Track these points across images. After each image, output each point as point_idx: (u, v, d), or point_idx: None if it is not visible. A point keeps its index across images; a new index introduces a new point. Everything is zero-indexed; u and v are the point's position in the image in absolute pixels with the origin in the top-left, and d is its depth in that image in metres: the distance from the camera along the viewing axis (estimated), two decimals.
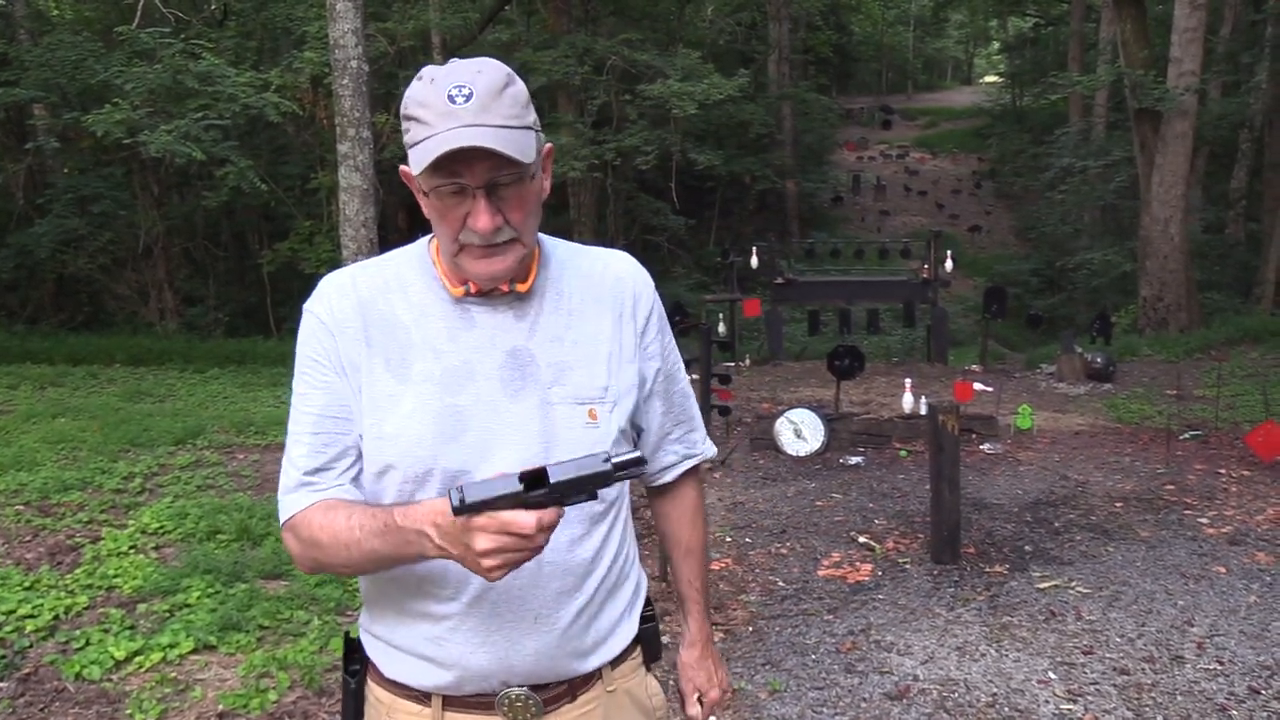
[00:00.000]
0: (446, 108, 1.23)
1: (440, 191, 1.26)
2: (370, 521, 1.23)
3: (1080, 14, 25.66)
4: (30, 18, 15.44)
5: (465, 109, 1.22)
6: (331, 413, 1.35)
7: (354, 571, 1.33)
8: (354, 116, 8.09)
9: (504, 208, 1.28)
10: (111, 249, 14.76)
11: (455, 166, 1.24)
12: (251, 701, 3.42)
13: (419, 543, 1.18)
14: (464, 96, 1.23)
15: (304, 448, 1.36)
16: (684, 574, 1.65)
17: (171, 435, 7.31)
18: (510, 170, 1.26)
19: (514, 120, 1.25)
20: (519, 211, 1.29)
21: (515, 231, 1.29)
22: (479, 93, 1.24)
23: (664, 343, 1.51)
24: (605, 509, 1.41)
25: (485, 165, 1.24)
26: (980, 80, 51.66)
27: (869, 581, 4.75)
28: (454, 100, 1.23)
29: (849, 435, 7.65)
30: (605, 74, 16.05)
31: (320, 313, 1.36)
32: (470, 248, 1.29)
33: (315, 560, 1.33)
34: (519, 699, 1.37)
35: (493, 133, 1.22)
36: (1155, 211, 13.90)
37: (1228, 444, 7.28)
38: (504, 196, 1.27)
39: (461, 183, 1.25)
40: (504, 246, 1.29)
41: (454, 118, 1.22)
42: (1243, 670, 3.68)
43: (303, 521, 1.32)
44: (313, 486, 1.34)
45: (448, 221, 1.28)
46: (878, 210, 28.02)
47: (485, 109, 1.23)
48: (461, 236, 1.28)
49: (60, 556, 4.82)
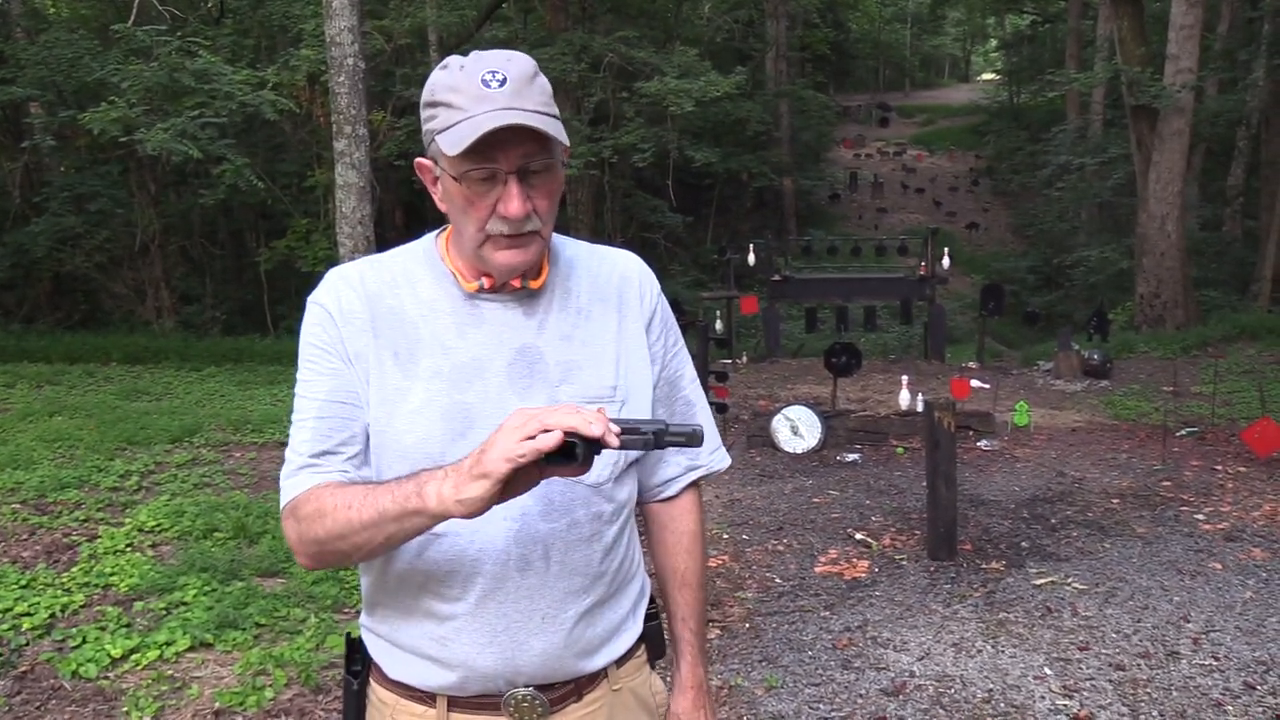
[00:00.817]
0: (481, 92, 1.22)
1: (471, 177, 1.25)
2: (379, 485, 1.22)
3: (1078, 11, 25.67)
4: (26, 15, 15.42)
5: (500, 93, 1.22)
6: (338, 398, 1.32)
7: (353, 549, 1.24)
8: (350, 114, 8.08)
9: (533, 195, 1.27)
10: (108, 247, 14.74)
11: (490, 151, 1.23)
12: (248, 699, 3.42)
13: (419, 493, 1.14)
14: (498, 81, 1.23)
15: (308, 433, 1.32)
16: (678, 609, 1.56)
17: (168, 433, 7.30)
18: (542, 157, 1.25)
19: (545, 108, 1.25)
20: (546, 200, 1.29)
21: (540, 222, 1.29)
22: (513, 78, 1.24)
23: (667, 345, 1.49)
24: (614, 511, 1.40)
25: (519, 150, 1.24)
26: (978, 78, 51.68)
27: (866, 578, 4.75)
28: (488, 85, 1.22)
29: (846, 432, 7.65)
30: (602, 71, 16.04)
31: (326, 303, 1.35)
32: (496, 238, 1.28)
33: (316, 541, 1.25)
34: (525, 699, 1.35)
35: (530, 115, 1.22)
36: (1152, 209, 13.91)
37: (1224, 440, 7.29)
38: (534, 184, 1.27)
39: (495, 167, 1.24)
40: (528, 238, 1.28)
41: (490, 101, 1.22)
42: (1238, 666, 3.69)
43: (302, 499, 1.27)
44: (316, 469, 1.30)
45: (476, 209, 1.27)
46: (875, 208, 28.03)
47: (519, 94, 1.23)
48: (489, 226, 1.27)
49: (57, 555, 4.82)
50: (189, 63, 11.51)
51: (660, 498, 1.56)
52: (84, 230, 14.24)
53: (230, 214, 16.87)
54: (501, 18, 18.35)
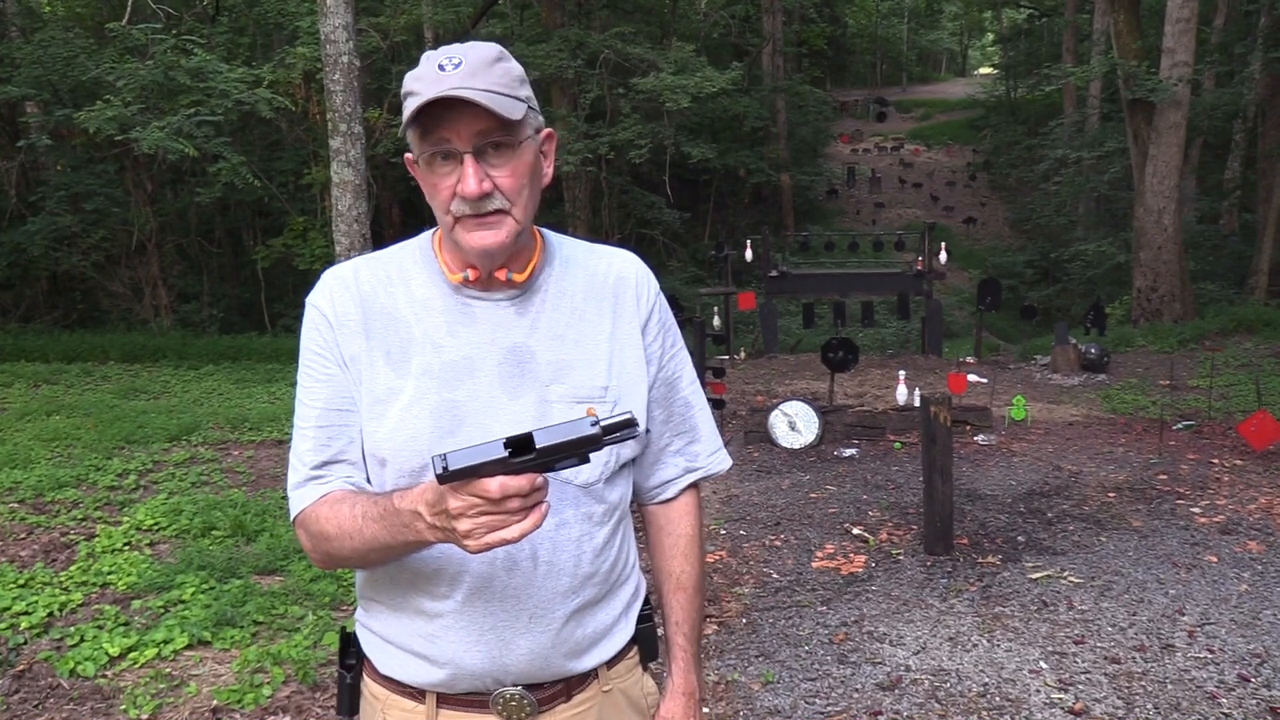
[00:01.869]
0: (435, 75, 1.24)
1: (431, 160, 1.26)
2: (372, 508, 1.23)
3: (1074, 5, 25.64)
4: (21, 14, 15.39)
5: (453, 74, 1.23)
6: (335, 405, 1.34)
7: (362, 562, 1.32)
8: (345, 112, 8.07)
9: (493, 174, 1.27)
10: (105, 246, 14.73)
11: (442, 131, 1.24)
12: (246, 697, 3.43)
13: (413, 525, 1.15)
14: (453, 65, 1.24)
15: (310, 442, 1.35)
16: (673, 614, 1.53)
17: (166, 432, 7.31)
18: (500, 135, 1.26)
19: (503, 89, 1.25)
20: (511, 178, 1.28)
21: (507, 201, 1.28)
22: (469, 61, 1.25)
23: (665, 345, 1.48)
24: (605, 512, 1.39)
25: (472, 129, 1.24)
26: (974, 72, 51.70)
27: (862, 573, 4.76)
28: (443, 69, 1.24)
29: (843, 428, 7.66)
30: (598, 68, 16.03)
31: (322, 305, 1.36)
32: (464, 219, 1.28)
33: (326, 553, 1.32)
34: (513, 698, 1.36)
35: (476, 92, 1.22)
36: (1149, 202, 13.92)
37: (1221, 434, 7.30)
38: (493, 163, 1.27)
39: (449, 147, 1.25)
40: (497, 218, 1.28)
41: (441, 82, 1.23)
42: (1233, 658, 3.70)
43: (311, 516, 1.32)
44: (320, 480, 1.34)
45: (440, 191, 1.28)
46: (872, 203, 28.02)
47: (474, 74, 1.24)
48: (453, 207, 1.28)
49: (55, 554, 4.82)
50: (184, 61, 11.51)
51: (658, 500, 1.55)
52: (80, 229, 14.23)
53: (227, 212, 16.87)
54: (497, 14, 18.34)
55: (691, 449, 1.53)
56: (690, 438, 1.53)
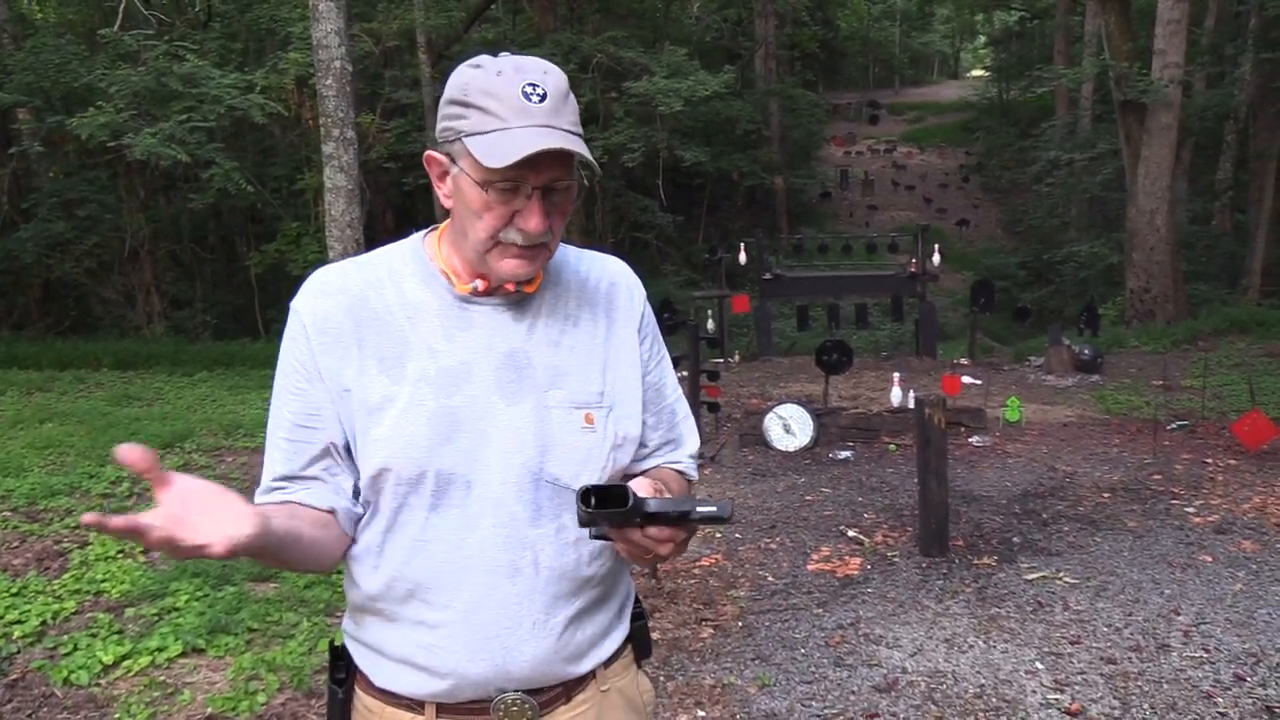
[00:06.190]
0: (521, 104, 1.22)
1: (497, 187, 1.25)
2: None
3: (1065, 7, 25.74)
4: (13, 21, 15.36)
5: (540, 109, 1.22)
6: (301, 421, 1.33)
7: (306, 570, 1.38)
8: (338, 117, 8.07)
9: (552, 212, 1.28)
10: (98, 253, 14.70)
11: (525, 170, 1.23)
12: (240, 704, 3.41)
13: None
14: (538, 96, 1.23)
15: (279, 454, 1.35)
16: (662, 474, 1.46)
17: (159, 439, 7.28)
18: (568, 177, 1.26)
19: (576, 127, 1.26)
20: (561, 218, 1.30)
21: (552, 236, 1.30)
22: (551, 94, 1.24)
23: (653, 353, 1.49)
24: None
25: (550, 172, 1.24)
26: (967, 74, 51.84)
27: (858, 575, 4.76)
28: (529, 98, 1.22)
29: (838, 430, 7.66)
30: (591, 72, 16.04)
31: (303, 312, 1.34)
32: (507, 246, 1.28)
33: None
34: (514, 703, 1.35)
35: (568, 137, 1.22)
36: (1141, 203, 13.96)
37: (1214, 434, 7.32)
38: (555, 201, 1.28)
39: (524, 185, 1.24)
40: (538, 250, 1.29)
41: (529, 115, 1.22)
42: (1228, 658, 3.71)
43: None
44: (282, 490, 1.34)
45: (493, 215, 1.26)
46: (865, 205, 28.09)
47: (557, 112, 1.23)
48: (503, 234, 1.27)
49: (48, 562, 4.80)
50: (176, 67, 11.50)
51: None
52: (73, 236, 14.20)
53: (220, 218, 16.84)
54: (490, 19, 18.36)
55: (672, 455, 1.54)
56: (675, 445, 1.54)
